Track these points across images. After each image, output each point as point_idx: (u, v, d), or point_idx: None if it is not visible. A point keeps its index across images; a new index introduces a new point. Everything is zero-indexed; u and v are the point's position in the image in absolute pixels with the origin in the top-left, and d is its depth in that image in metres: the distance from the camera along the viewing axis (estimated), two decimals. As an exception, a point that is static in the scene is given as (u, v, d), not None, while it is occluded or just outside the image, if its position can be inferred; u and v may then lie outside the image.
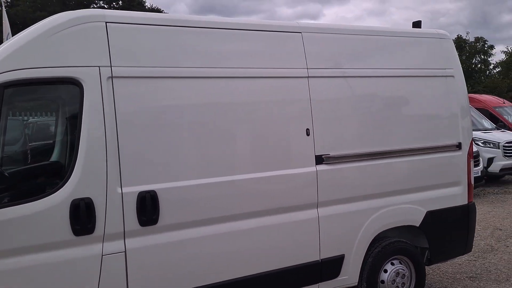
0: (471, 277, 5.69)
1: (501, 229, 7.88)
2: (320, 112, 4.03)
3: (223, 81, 3.68)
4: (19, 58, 3.04)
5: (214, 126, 3.63)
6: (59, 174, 3.15)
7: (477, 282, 5.51)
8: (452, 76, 4.84)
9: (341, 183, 4.12)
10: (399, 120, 4.50)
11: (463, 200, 4.84)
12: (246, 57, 3.81)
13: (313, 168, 3.98)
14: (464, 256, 5.86)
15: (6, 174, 3.13)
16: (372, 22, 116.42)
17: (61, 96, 3.29)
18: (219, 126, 3.65)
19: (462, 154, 4.81)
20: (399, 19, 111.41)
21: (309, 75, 4.01)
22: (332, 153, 4.05)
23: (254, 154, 3.80)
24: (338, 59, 4.22)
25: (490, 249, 6.75)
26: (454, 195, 4.78)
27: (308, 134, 3.96)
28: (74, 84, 3.17)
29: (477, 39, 39.65)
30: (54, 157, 3.29)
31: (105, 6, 34.83)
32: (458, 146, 4.79)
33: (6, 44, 3.17)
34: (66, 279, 3.11)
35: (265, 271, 3.79)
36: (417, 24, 5.27)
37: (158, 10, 36.35)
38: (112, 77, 3.26)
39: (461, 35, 37.28)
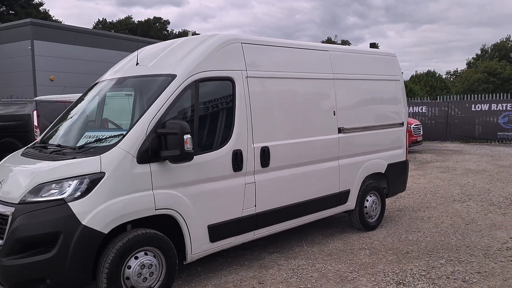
0: (397, 210, 8.77)
1: (399, 186, 11.30)
2: (340, 101, 6.56)
3: (298, 80, 6.02)
4: (205, 64, 5.01)
5: (294, 108, 5.94)
6: (226, 135, 5.17)
7: (403, 212, 8.60)
8: (398, 80, 7.76)
9: (350, 144, 6.71)
10: (377, 106, 7.25)
11: (403, 158, 7.83)
12: (305, 66, 6.17)
13: (336, 135, 6.50)
14: (391, 198, 8.97)
15: (199, 136, 5.05)
16: (234, 14, 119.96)
17: (223, 87, 5.29)
18: (296, 108, 5.97)
19: (403, 129, 7.78)
20: (259, 12, 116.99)
21: (334, 78, 6.51)
22: (345, 126, 6.62)
23: (310, 125, 6.18)
24: (347, 68, 6.79)
25: (400, 197, 10.00)
26: (399, 154, 7.73)
27: (334, 114, 6.46)
28: (230, 81, 5.24)
29: (343, 42, 46.09)
30: (223, 124, 5.27)
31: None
32: (402, 124, 7.74)
33: (190, 54, 5.06)
34: (227, 198, 5.17)
35: (315, 197, 6.22)
36: (374, 45, 8.09)
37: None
38: (247, 77, 5.37)
39: (330, 37, 42.88)
